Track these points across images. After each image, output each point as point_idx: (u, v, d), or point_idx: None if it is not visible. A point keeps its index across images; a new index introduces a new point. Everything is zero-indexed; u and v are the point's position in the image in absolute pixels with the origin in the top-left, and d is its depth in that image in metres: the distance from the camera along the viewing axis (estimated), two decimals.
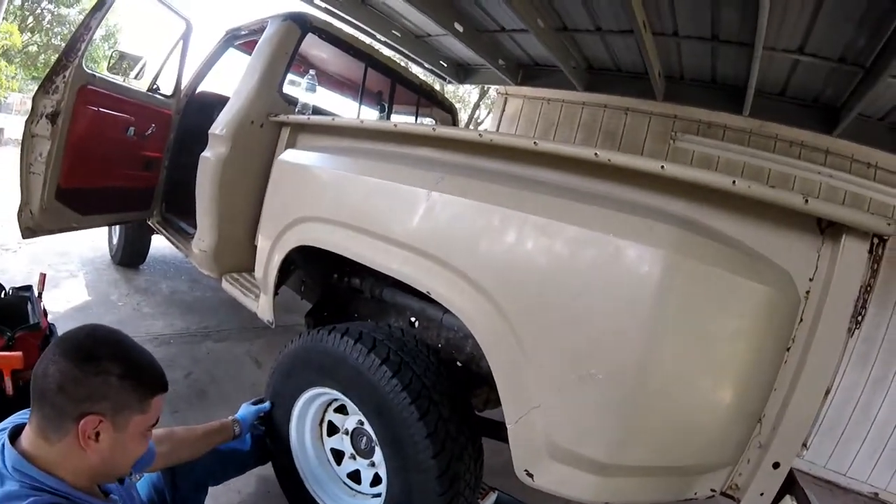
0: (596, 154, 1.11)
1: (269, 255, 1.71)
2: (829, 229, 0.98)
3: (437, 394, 1.26)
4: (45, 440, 0.86)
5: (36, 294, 2.08)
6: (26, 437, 0.88)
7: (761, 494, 1.10)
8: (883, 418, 3.12)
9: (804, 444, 1.10)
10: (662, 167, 1.03)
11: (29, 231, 2.30)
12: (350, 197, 1.45)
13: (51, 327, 1.94)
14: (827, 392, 1.03)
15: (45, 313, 2.00)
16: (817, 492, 3.08)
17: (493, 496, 1.63)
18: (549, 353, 1.08)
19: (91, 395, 0.85)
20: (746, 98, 3.19)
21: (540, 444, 1.10)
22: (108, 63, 2.80)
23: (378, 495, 1.43)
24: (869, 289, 0.98)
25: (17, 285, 2.09)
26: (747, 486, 1.12)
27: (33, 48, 14.75)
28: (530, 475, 1.13)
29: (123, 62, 2.90)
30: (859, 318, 0.99)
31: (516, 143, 1.30)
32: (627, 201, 1.11)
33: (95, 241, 3.85)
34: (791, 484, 1.14)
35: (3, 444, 0.87)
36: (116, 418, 0.88)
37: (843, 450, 3.19)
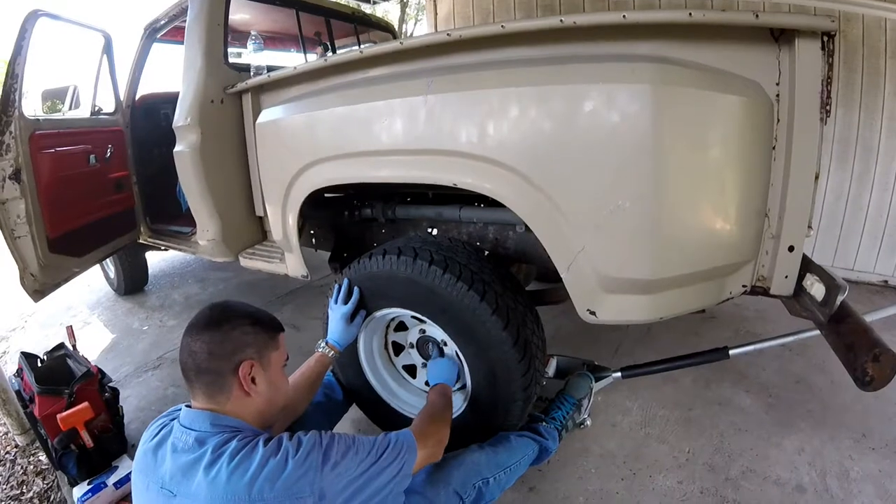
0: (561, 20, 1.16)
1: (283, 215, 1.74)
2: (782, 37, 1.07)
3: (487, 275, 1.35)
4: (217, 404, 1.00)
5: (70, 348, 2.10)
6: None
7: (786, 277, 1.23)
8: (874, 210, 3.31)
9: (809, 226, 1.23)
10: (624, 16, 1.09)
11: (37, 294, 2.26)
12: (348, 129, 1.47)
13: (100, 371, 1.98)
14: (816, 177, 1.14)
15: (87, 361, 2.02)
16: None
17: (553, 362, 1.78)
18: (579, 201, 1.17)
19: (237, 347, 1.01)
20: None
21: (593, 282, 1.21)
22: (42, 107, 2.69)
23: (462, 387, 1.54)
24: (829, 80, 1.08)
25: (48, 349, 2.09)
26: (772, 273, 1.24)
27: None
28: (593, 313, 1.24)
29: (48, 101, 2.79)
30: (827, 107, 1.09)
31: (485, 31, 1.31)
32: (602, 55, 1.18)
33: (92, 285, 3.81)
34: (808, 265, 1.26)
35: (180, 419, 1.00)
36: (262, 359, 1.04)
37: (844, 247, 3.40)
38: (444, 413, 1.31)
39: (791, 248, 1.19)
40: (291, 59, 3.33)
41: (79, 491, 1.64)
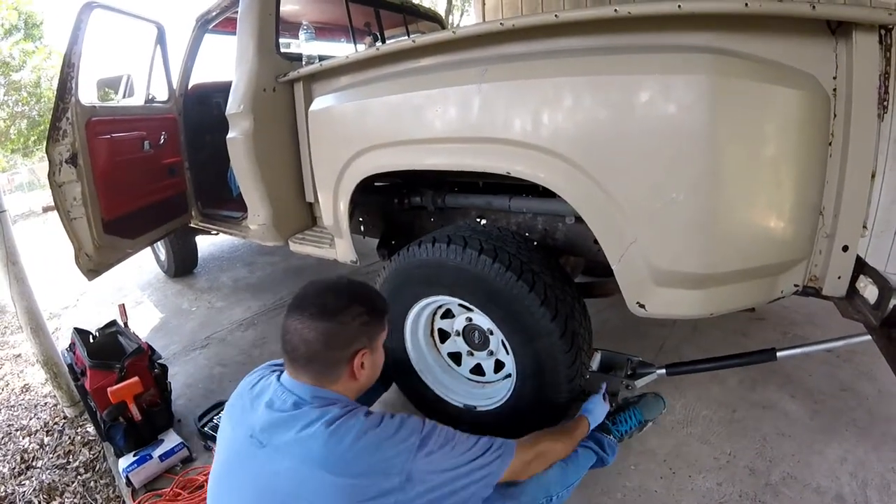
0: (615, 10, 1.15)
1: (335, 201, 1.79)
2: (839, 29, 1.04)
3: (536, 266, 1.36)
4: (323, 385, 1.03)
5: (122, 325, 2.21)
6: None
7: (839, 278, 1.19)
8: None
9: (864, 226, 1.18)
10: (679, 6, 1.07)
11: (92, 273, 2.36)
12: (401, 116, 1.49)
13: (150, 347, 2.07)
14: (873, 175, 1.11)
15: (138, 337, 2.11)
16: None
17: (597, 355, 1.77)
18: (633, 193, 1.16)
19: (354, 338, 1.04)
20: None
21: (644, 274, 1.20)
22: (97, 95, 2.81)
23: (507, 376, 1.55)
24: (887, 76, 1.05)
25: (101, 326, 2.20)
26: (824, 273, 1.21)
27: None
28: (642, 305, 1.24)
29: (102, 90, 2.90)
30: (885, 103, 1.06)
31: (538, 20, 1.32)
32: (657, 45, 1.16)
33: (143, 266, 3.99)
34: (862, 266, 1.22)
35: (282, 378, 1.04)
36: (372, 345, 1.08)
37: None
38: (564, 436, 1.31)
39: (845, 248, 1.16)
40: (341, 50, 3.40)
41: (124, 462, 1.70)
